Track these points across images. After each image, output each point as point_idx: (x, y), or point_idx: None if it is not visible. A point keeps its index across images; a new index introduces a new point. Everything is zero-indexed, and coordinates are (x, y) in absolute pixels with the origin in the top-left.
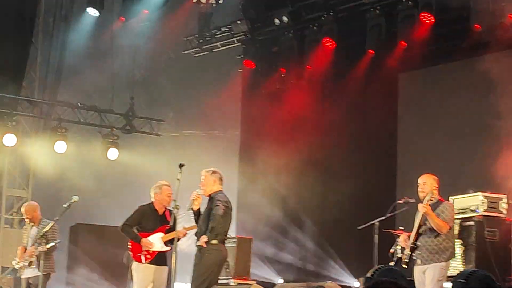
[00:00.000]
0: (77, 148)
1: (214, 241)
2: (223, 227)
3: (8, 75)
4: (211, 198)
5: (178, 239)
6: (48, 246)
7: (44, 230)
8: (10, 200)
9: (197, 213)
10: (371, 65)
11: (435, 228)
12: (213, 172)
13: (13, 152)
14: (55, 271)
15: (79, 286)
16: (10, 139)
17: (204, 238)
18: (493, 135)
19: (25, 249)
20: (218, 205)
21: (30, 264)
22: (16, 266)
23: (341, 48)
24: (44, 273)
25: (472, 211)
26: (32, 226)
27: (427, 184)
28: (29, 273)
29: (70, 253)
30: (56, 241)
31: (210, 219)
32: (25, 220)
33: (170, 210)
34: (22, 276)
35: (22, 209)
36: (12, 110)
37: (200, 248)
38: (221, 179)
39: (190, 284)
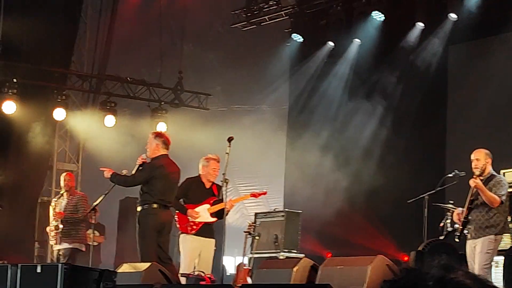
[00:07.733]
0: (126, 122)
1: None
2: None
3: (57, 50)
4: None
5: (227, 213)
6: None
7: (95, 203)
8: (61, 174)
9: None
10: (420, 38)
11: (486, 202)
12: (157, 135)
13: (63, 127)
14: (84, 244)
15: (128, 258)
16: (60, 114)
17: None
18: None
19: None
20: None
21: (54, 236)
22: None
23: (390, 20)
24: (72, 246)
25: None
26: (63, 198)
27: (480, 159)
28: (60, 245)
29: (119, 226)
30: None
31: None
32: (62, 189)
33: (217, 185)
34: (54, 248)
35: (62, 178)
36: (62, 84)
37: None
38: (165, 143)
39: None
